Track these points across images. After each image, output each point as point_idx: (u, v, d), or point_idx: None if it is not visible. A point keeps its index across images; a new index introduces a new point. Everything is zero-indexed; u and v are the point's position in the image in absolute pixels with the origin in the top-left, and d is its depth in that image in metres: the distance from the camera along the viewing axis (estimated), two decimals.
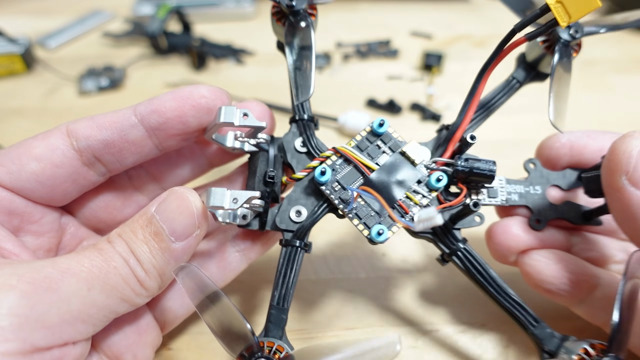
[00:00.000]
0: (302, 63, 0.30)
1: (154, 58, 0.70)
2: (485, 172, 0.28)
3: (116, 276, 0.24)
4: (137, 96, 0.62)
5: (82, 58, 0.69)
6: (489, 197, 0.32)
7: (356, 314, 0.39)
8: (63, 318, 0.22)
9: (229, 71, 0.68)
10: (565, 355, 0.27)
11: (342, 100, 0.62)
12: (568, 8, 0.24)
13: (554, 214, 0.33)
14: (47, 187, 0.28)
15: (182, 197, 0.26)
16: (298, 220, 0.30)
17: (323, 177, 0.29)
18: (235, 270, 0.34)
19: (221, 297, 0.25)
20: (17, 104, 0.62)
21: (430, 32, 0.75)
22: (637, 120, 0.58)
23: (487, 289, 0.30)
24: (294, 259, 0.30)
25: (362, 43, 0.72)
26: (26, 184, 0.27)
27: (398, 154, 0.30)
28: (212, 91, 0.29)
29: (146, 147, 0.29)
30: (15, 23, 0.77)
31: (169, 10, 0.70)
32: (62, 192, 0.29)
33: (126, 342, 0.29)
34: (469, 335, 0.37)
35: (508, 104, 0.34)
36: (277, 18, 0.31)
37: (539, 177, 0.34)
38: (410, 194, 0.29)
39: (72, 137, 0.28)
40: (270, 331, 0.28)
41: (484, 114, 0.33)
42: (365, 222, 0.29)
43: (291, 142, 0.32)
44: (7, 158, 0.27)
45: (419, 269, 0.42)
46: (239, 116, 0.28)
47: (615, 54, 0.70)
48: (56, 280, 0.22)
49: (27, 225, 0.29)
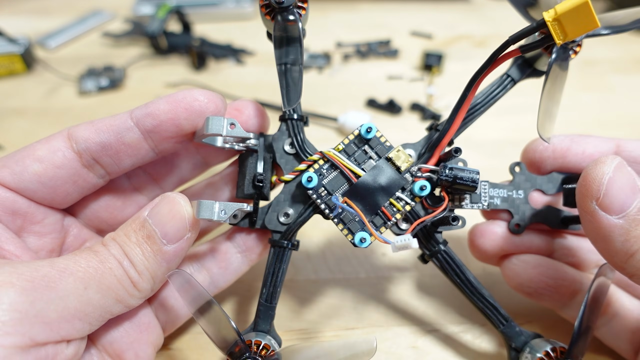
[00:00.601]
0: (289, 59, 0.30)
1: (153, 58, 0.70)
2: (468, 182, 0.29)
3: (111, 277, 0.25)
4: (137, 96, 0.63)
5: (82, 58, 0.69)
6: (471, 202, 0.33)
7: (356, 313, 0.39)
8: (61, 315, 0.23)
9: (229, 71, 0.68)
10: (528, 354, 0.30)
11: (342, 100, 0.62)
12: (565, 27, 0.24)
13: (534, 219, 0.34)
14: (49, 188, 0.29)
15: (174, 202, 0.28)
16: (286, 221, 0.32)
17: (310, 183, 0.29)
18: (237, 271, 0.34)
19: (210, 301, 0.27)
20: (17, 104, 0.62)
21: (431, 32, 0.75)
22: (637, 120, 0.58)
23: (463, 289, 0.32)
24: (281, 258, 0.31)
25: (362, 43, 0.72)
26: (29, 185, 0.28)
27: (384, 159, 0.30)
28: (206, 95, 0.30)
29: (142, 149, 0.30)
30: (15, 23, 0.77)
31: (169, 10, 0.70)
32: (63, 193, 0.30)
33: (127, 340, 0.30)
34: (470, 335, 0.37)
35: (508, 103, 0.34)
36: (265, 12, 0.30)
37: (524, 181, 0.34)
38: (394, 200, 0.30)
39: (72, 139, 0.29)
40: (258, 325, 0.30)
41: (473, 115, 0.33)
42: (349, 228, 0.30)
43: (280, 142, 0.32)
44: (12, 160, 0.28)
45: (419, 269, 0.42)
46: (226, 126, 0.29)
47: (615, 54, 0.70)
48: (54, 279, 0.23)
49: (30, 225, 0.29)
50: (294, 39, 0.30)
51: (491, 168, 0.38)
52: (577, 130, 0.35)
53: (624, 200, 0.25)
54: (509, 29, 0.27)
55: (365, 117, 0.56)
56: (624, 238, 0.25)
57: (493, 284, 0.40)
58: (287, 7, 0.29)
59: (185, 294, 0.28)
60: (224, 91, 0.63)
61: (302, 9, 0.30)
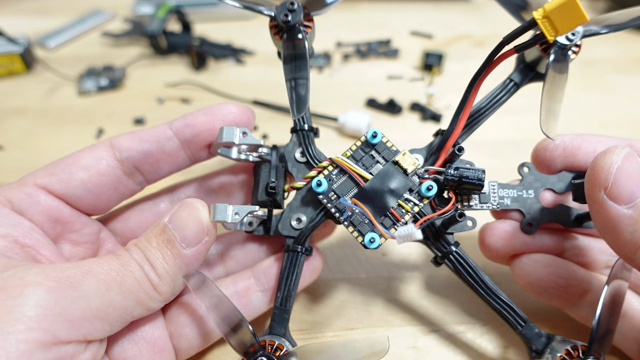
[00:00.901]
0: (297, 74, 0.32)
1: (153, 58, 0.70)
2: (474, 180, 0.29)
3: (132, 279, 0.26)
4: (137, 96, 0.63)
5: (82, 58, 0.69)
6: (480, 203, 0.33)
7: (356, 314, 0.39)
8: (83, 314, 0.24)
9: (229, 71, 0.68)
10: (549, 355, 0.29)
11: (342, 100, 0.62)
12: (555, 22, 0.24)
13: (547, 218, 0.33)
14: (94, 195, 0.31)
15: (192, 207, 0.29)
16: (298, 227, 0.33)
17: (320, 187, 0.30)
18: (256, 310, 0.34)
19: (227, 302, 0.28)
20: (16, 103, 0.62)
21: (431, 31, 0.75)
22: (637, 120, 0.58)
23: (478, 290, 0.31)
24: (295, 263, 0.32)
25: (362, 43, 0.72)
26: (75, 191, 0.30)
27: (391, 163, 0.31)
28: (239, 108, 0.33)
29: (180, 157, 0.33)
30: (14, 23, 0.77)
31: (169, 10, 0.70)
32: (106, 199, 0.32)
33: (140, 359, 0.30)
34: (470, 335, 0.37)
35: (508, 103, 0.34)
36: (274, 32, 0.33)
37: (533, 181, 0.34)
38: (402, 202, 0.30)
39: (115, 149, 0.31)
40: (273, 329, 0.31)
41: (479, 119, 0.33)
42: (359, 229, 0.30)
43: (292, 152, 0.34)
44: (58, 168, 0.30)
45: (419, 269, 0.42)
46: (238, 135, 0.31)
47: (615, 54, 0.70)
48: (78, 280, 0.24)
49: (68, 233, 0.31)
50: (301, 55, 0.32)
51: (492, 168, 0.38)
52: (577, 131, 0.35)
53: (632, 190, 0.25)
54: (509, 28, 0.27)
55: (366, 117, 0.56)
56: (633, 228, 0.24)
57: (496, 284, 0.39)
58: (294, 25, 0.31)
59: (202, 295, 0.28)
60: (224, 91, 0.63)
61: (308, 27, 0.32)
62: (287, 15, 0.31)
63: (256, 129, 0.57)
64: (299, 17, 0.31)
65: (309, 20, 0.32)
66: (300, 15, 0.31)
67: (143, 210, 0.36)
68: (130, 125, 0.58)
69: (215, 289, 0.28)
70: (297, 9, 0.31)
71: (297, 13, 0.31)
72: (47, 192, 0.29)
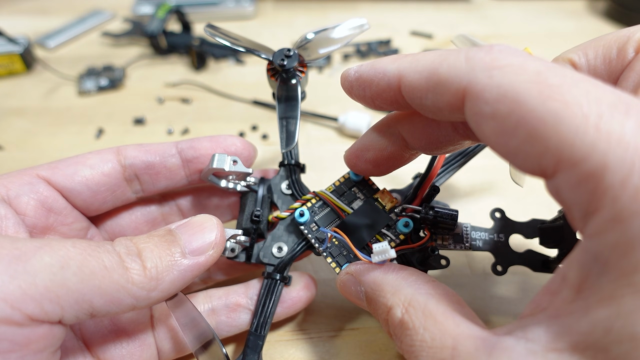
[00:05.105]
0: (289, 114, 0.34)
1: (153, 58, 0.70)
2: (447, 219, 0.31)
3: (97, 263, 0.23)
4: (137, 96, 0.63)
5: (82, 58, 0.69)
6: (454, 243, 0.34)
7: (356, 314, 0.39)
8: (25, 292, 0.21)
9: (229, 71, 0.68)
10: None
11: (342, 100, 0.62)
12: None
13: (516, 261, 0.34)
14: (92, 192, 0.32)
15: (206, 218, 0.29)
16: (279, 255, 0.34)
17: (302, 218, 0.32)
18: (241, 327, 0.34)
19: (204, 324, 0.28)
20: (16, 103, 0.62)
21: (431, 31, 0.75)
22: None
23: None
24: (273, 290, 0.33)
25: (362, 43, 0.72)
26: (76, 186, 0.31)
27: (371, 199, 0.33)
28: (242, 142, 0.35)
29: (178, 175, 0.34)
30: (14, 23, 0.77)
31: (169, 10, 0.70)
32: (101, 199, 0.33)
33: (121, 352, 0.30)
34: None
35: None
36: (271, 74, 0.35)
37: (504, 226, 0.35)
38: (379, 237, 0.32)
39: (121, 155, 0.33)
40: (247, 355, 0.31)
41: (462, 161, 0.35)
42: (337, 261, 0.32)
43: (278, 185, 0.36)
44: (64, 163, 0.32)
45: None
46: (229, 163, 0.33)
47: None
48: (27, 253, 0.22)
49: (59, 226, 0.31)
50: (294, 97, 0.34)
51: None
52: None
53: None
54: (509, 29, 0.27)
55: (366, 117, 0.56)
56: None
57: (493, 284, 0.40)
58: (289, 69, 0.34)
59: (179, 315, 0.28)
60: (224, 91, 0.63)
61: (302, 72, 0.35)
62: (284, 60, 0.34)
63: (256, 129, 0.57)
64: (294, 62, 0.34)
65: (303, 67, 0.35)
66: (295, 61, 0.34)
67: (134, 211, 0.36)
68: (130, 125, 0.58)
69: (194, 312, 0.28)
70: (293, 55, 0.34)
71: (292, 59, 0.34)
72: (47, 183, 0.30)
